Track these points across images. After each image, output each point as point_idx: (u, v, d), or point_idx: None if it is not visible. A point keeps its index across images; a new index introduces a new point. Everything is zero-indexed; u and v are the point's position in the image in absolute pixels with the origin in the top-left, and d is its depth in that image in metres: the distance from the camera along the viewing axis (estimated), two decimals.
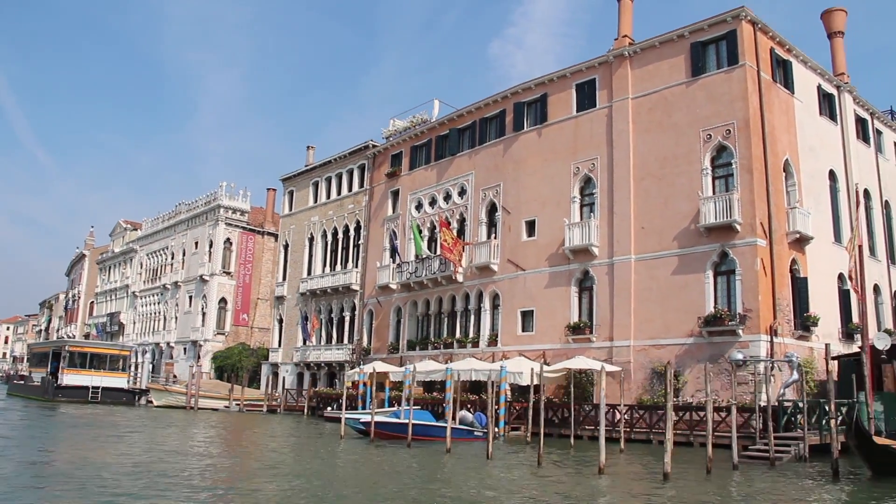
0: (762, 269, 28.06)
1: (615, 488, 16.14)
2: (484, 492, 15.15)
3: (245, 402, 45.81)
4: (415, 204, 43.07)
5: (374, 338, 44.38)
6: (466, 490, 15.19)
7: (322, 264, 50.16)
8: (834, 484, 17.03)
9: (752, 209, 28.38)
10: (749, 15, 30.21)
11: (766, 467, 20.18)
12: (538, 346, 34.17)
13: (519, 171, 37.05)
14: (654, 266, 30.80)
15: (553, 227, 34.62)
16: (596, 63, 34.65)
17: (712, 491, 15.92)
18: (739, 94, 29.53)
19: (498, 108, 38.88)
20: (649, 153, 31.88)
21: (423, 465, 19.87)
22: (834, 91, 35.71)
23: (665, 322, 29.98)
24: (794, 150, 31.52)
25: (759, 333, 27.49)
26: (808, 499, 15.33)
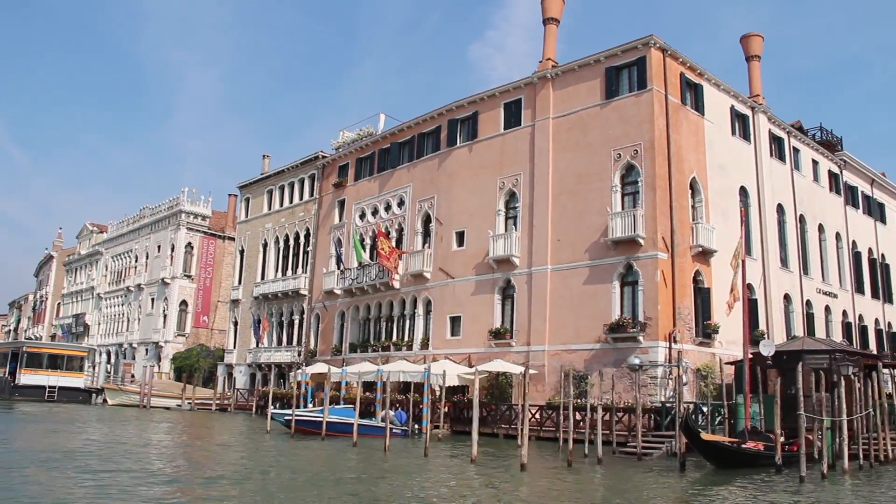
0: (662, 280, 30.19)
1: (474, 475, 18.12)
2: (358, 475, 17.13)
3: (196, 401, 47.59)
4: (359, 213, 45.05)
5: (321, 340, 46.30)
6: (339, 473, 17.18)
7: (275, 269, 52.04)
8: (679, 474, 19.10)
9: (654, 224, 30.52)
10: (658, 42, 32.39)
11: (632, 462, 22.26)
12: (465, 350, 36.20)
13: (451, 184, 39.11)
14: (567, 276, 32.91)
15: (480, 237, 36.67)
16: (522, 84, 36.74)
17: (558, 479, 17.97)
18: (647, 116, 31.68)
19: (435, 123, 40.93)
20: (566, 170, 34.00)
21: (327, 455, 21.89)
22: (748, 112, 37.96)
23: (576, 329, 32.08)
24: (702, 169, 33.70)
25: (658, 340, 29.61)
26: (638, 485, 17.39)
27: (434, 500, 14.17)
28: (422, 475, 18.24)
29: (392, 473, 18.37)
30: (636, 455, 22.93)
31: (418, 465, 20.20)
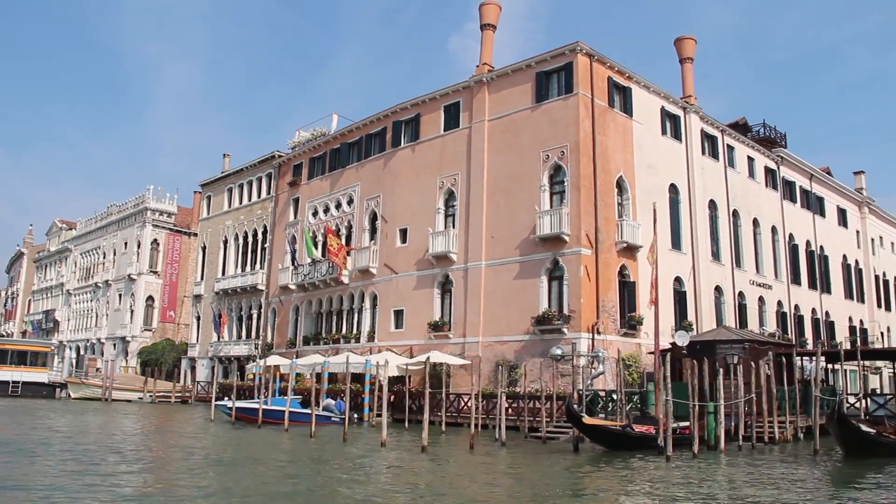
0: (586, 275, 31.92)
1: (381, 456, 19.74)
2: (273, 454, 18.75)
3: (157, 394, 49.10)
4: (312, 211, 46.59)
5: (277, 334, 47.88)
6: (257, 453, 18.80)
7: (234, 266, 53.52)
8: (572, 456, 20.81)
9: (578, 222, 32.24)
10: (585, 48, 34.05)
11: (537, 445, 23.97)
12: (407, 342, 37.86)
13: (395, 183, 40.69)
14: (500, 271, 34.60)
15: (421, 235, 38.28)
16: (461, 87, 38.33)
17: (448, 460, 19.62)
18: (573, 119, 33.36)
19: (381, 125, 42.47)
20: (500, 170, 35.65)
21: (251, 439, 23.52)
22: (680, 112, 39.70)
23: (508, 321, 33.78)
24: (629, 168, 35.42)
25: (581, 332, 31.37)
26: (521, 464, 19.08)
27: (310, 476, 15.77)
28: (334, 456, 19.87)
29: (301, 456, 20.00)
30: (542, 439, 24.59)
31: (334, 449, 21.82)
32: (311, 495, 13.47)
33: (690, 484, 15.41)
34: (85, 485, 13.63)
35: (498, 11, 39.24)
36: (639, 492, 14.53)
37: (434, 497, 13.68)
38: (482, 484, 15.44)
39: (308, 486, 14.66)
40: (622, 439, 21.58)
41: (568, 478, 16.75)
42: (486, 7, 38.85)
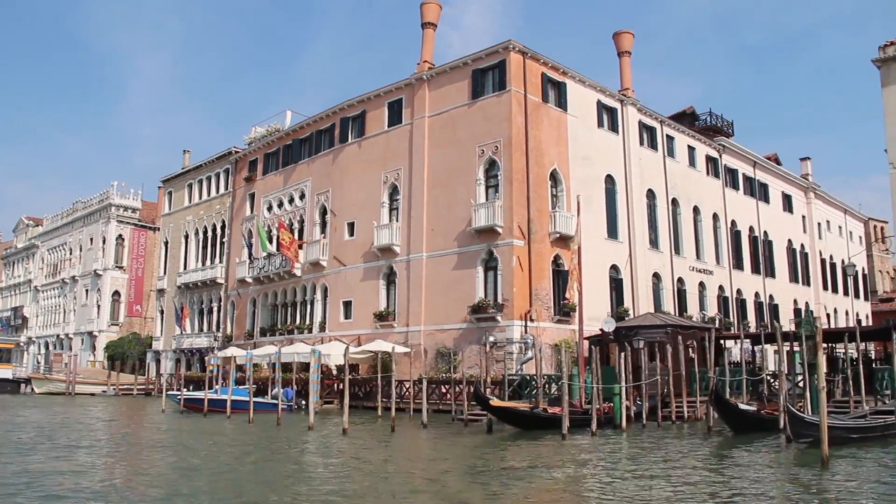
0: (518, 265, 33.38)
1: (301, 439, 21.12)
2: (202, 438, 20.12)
3: (120, 387, 50.30)
4: (267, 206, 47.83)
5: (236, 326, 49.16)
6: (183, 438, 20.16)
7: (195, 260, 54.67)
8: (485, 436, 22.29)
9: (511, 214, 33.67)
10: (518, 46, 35.40)
11: (458, 427, 25.43)
12: (355, 332, 39.24)
13: (343, 178, 41.98)
14: (440, 262, 36.02)
15: (367, 228, 39.62)
16: (403, 84, 39.61)
17: (363, 439, 21.05)
18: (506, 115, 34.74)
19: (330, 121, 43.71)
20: (439, 165, 37.02)
21: (192, 426, 24.86)
22: (617, 105, 41.13)
23: (447, 310, 35.23)
24: (564, 160, 36.84)
25: (514, 319, 32.85)
26: (435, 443, 20.54)
27: (233, 454, 17.14)
28: (258, 440, 21.25)
29: (225, 439, 21.39)
30: (464, 422, 26.07)
31: (264, 433, 23.21)
32: (198, 472, 14.78)
33: (553, 457, 16.90)
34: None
35: (438, 11, 40.54)
36: (503, 463, 15.98)
37: (311, 472, 15.08)
38: (381, 460, 16.85)
39: (207, 464, 16.00)
40: (532, 420, 23.04)
41: (456, 453, 18.21)
42: (427, 6, 40.12)
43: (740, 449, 18.17)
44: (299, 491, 12.50)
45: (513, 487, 12.68)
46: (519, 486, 12.88)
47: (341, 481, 13.71)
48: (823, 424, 14.04)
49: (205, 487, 12.84)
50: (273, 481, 13.37)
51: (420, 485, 13.19)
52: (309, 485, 13.34)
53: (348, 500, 11.59)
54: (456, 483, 13.31)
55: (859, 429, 18.22)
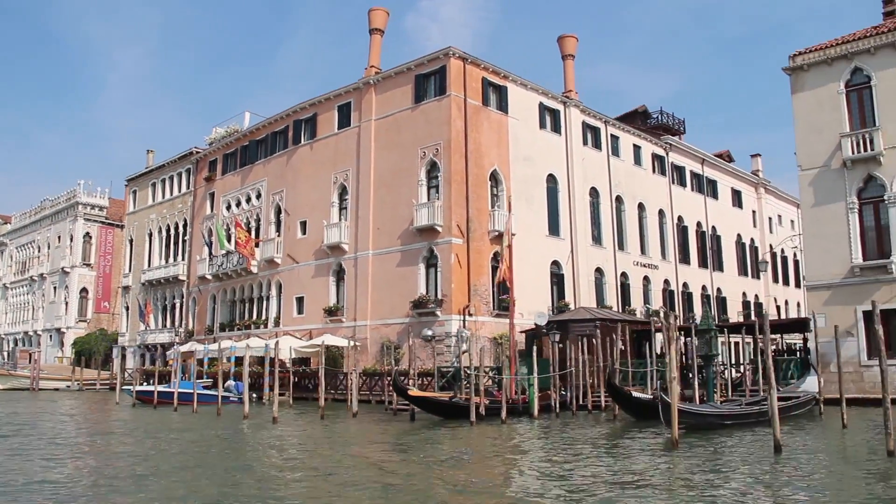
0: (456, 262, 34.99)
1: (231, 427, 22.60)
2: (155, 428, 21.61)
3: (84, 382, 51.63)
4: (226, 205, 49.22)
5: (197, 321, 50.57)
6: (114, 428, 21.65)
7: (159, 257, 55.99)
8: (408, 424, 23.86)
9: (450, 214, 35.26)
10: (458, 52, 36.93)
11: (389, 416, 27.00)
12: (307, 326, 40.77)
13: (297, 178, 43.45)
14: (385, 260, 37.59)
15: (318, 226, 41.12)
16: (351, 88, 41.08)
17: (292, 428, 22.61)
18: (445, 118, 36.28)
19: (284, 123, 45.13)
20: (385, 166, 38.55)
21: (136, 416, 26.36)
22: (560, 106, 42.74)
23: (391, 305, 36.82)
24: (504, 161, 38.41)
25: (452, 314, 34.47)
26: (355, 430, 22.09)
27: (159, 441, 18.66)
28: (189, 428, 22.74)
29: (156, 428, 22.90)
30: (393, 411, 27.66)
31: (200, 423, 24.71)
32: (106, 454, 16.29)
33: (463, 441, 18.57)
34: None
35: (385, 17, 42.00)
36: (401, 446, 17.60)
37: (221, 454, 16.63)
38: (293, 445, 18.42)
39: (132, 448, 17.51)
40: (451, 409, 24.64)
41: (367, 437, 19.84)
42: (374, 12, 41.57)
43: (620, 436, 19.80)
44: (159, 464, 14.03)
45: (366, 468, 14.26)
46: (377, 466, 14.48)
47: (198, 457, 15.26)
48: (674, 411, 15.71)
49: (89, 464, 14.35)
50: (151, 458, 14.91)
51: (279, 462, 14.75)
52: (170, 462, 14.87)
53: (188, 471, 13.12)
54: (313, 461, 14.90)
55: (732, 415, 19.91)
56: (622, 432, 20.46)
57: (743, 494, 10.95)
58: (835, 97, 29.53)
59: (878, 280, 27.75)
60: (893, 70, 28.42)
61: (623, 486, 11.52)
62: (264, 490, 11.49)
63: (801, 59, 30.39)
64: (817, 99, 29.91)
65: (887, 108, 28.30)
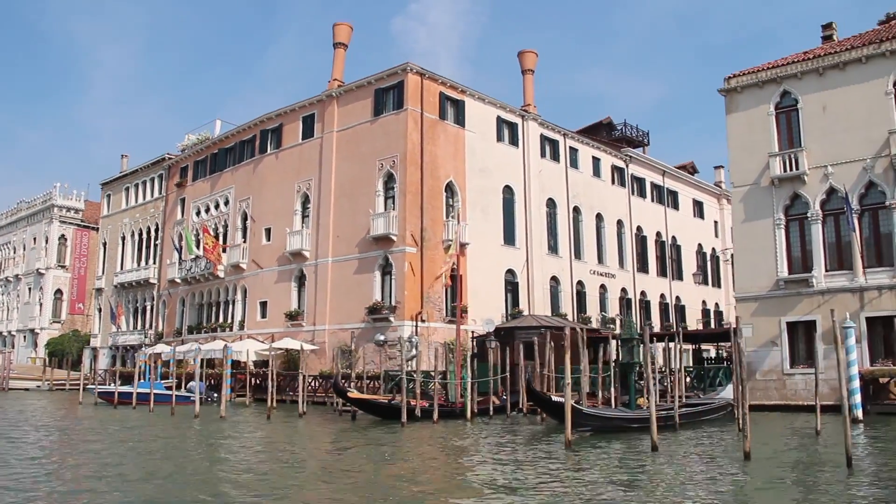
0: (410, 270, 36.41)
1: (181, 425, 23.94)
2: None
3: (54, 382, 52.75)
4: (195, 211, 50.50)
5: (166, 324, 51.81)
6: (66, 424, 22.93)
7: (131, 261, 57.19)
8: (350, 423, 25.26)
9: (405, 224, 36.68)
10: (415, 68, 38.39)
11: (335, 417, 28.38)
12: (270, 330, 42.10)
13: (262, 186, 44.80)
14: (343, 267, 38.98)
15: (282, 234, 42.48)
16: (315, 100, 42.48)
17: (236, 427, 23.96)
18: (402, 132, 37.73)
19: (251, 133, 46.49)
20: (345, 177, 39.95)
21: (99, 415, 27.64)
22: (518, 120, 44.24)
23: (348, 311, 38.20)
24: (460, 173, 39.88)
25: (405, 320, 35.88)
26: (293, 429, 23.48)
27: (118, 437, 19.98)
28: (142, 425, 24.07)
29: (108, 424, 24.23)
30: (338, 412, 29.06)
31: (153, 420, 26.04)
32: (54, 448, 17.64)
33: (388, 440, 20.00)
34: None
35: (349, 32, 43.45)
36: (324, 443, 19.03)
37: (155, 447, 17.99)
38: (226, 439, 19.81)
39: (59, 441, 18.86)
40: (389, 410, 26.05)
41: (296, 434, 21.24)
42: (339, 27, 43.03)
43: (532, 436, 21.25)
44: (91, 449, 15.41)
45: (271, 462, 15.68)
46: (283, 461, 15.89)
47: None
48: (567, 414, 17.18)
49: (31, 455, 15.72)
50: (85, 448, 16.28)
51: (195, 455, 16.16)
52: (85, 457, 16.26)
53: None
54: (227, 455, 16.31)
55: (638, 419, 21.37)
56: (545, 434, 21.86)
57: (593, 483, 12.40)
58: (765, 118, 31.11)
59: (800, 293, 29.32)
60: (817, 94, 30.03)
61: (487, 485, 12.95)
62: (151, 483, 12.85)
63: (734, 81, 31.99)
64: (749, 120, 31.50)
65: (812, 130, 29.92)
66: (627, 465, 14.74)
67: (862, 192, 28.86)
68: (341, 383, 27.23)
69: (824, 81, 30.06)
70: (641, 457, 15.76)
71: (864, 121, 28.88)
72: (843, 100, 29.50)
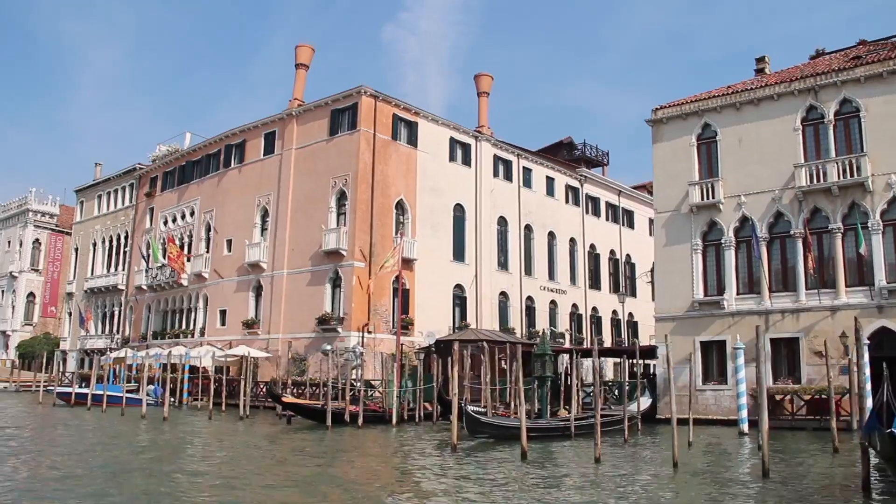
0: (358, 283, 38.38)
1: (126, 424, 25.77)
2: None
3: (21, 383, 54.44)
4: (163, 220, 52.38)
5: (133, 329, 53.58)
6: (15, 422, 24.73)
7: (101, 267, 58.97)
8: (284, 426, 27.18)
9: (354, 239, 38.68)
10: (369, 91, 40.46)
11: (276, 420, 30.26)
12: (228, 337, 43.98)
13: (226, 199, 46.73)
14: (297, 279, 40.93)
15: (242, 245, 44.39)
16: (277, 118, 44.50)
17: (178, 428, 25.84)
18: (354, 152, 39.76)
19: (217, 147, 48.47)
20: (301, 193, 41.94)
21: (48, 413, 29.46)
22: (471, 141, 46.34)
23: (301, 320, 40.13)
24: (411, 192, 41.91)
25: (352, 331, 37.85)
26: (228, 429, 25.38)
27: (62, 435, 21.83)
28: (85, 422, 25.91)
29: (54, 422, 26.09)
30: (279, 416, 30.97)
31: (102, 419, 27.89)
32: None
33: (307, 443, 21.95)
34: None
35: (311, 53, 45.51)
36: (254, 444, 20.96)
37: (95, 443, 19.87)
38: (167, 437, 21.71)
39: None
40: (321, 414, 27.95)
41: (227, 434, 23.18)
42: (301, 49, 45.09)
43: (440, 442, 23.22)
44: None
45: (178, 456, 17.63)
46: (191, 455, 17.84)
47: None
48: (454, 420, 19.19)
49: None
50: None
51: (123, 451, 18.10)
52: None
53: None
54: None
55: (535, 428, 23.31)
56: (439, 439, 23.79)
57: (439, 477, 14.42)
58: (687, 149, 33.28)
59: (712, 314, 31.45)
60: (734, 127, 32.23)
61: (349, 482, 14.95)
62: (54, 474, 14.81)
63: (661, 112, 34.19)
64: (673, 149, 33.67)
65: (728, 161, 32.10)
66: (486, 469, 16.71)
67: (771, 221, 30.99)
68: (276, 389, 29.12)
69: (741, 116, 32.25)
70: (505, 464, 17.66)
71: (774, 154, 31.04)
72: (757, 134, 31.69)
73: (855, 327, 20.96)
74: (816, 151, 30.65)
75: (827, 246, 29.88)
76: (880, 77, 29.51)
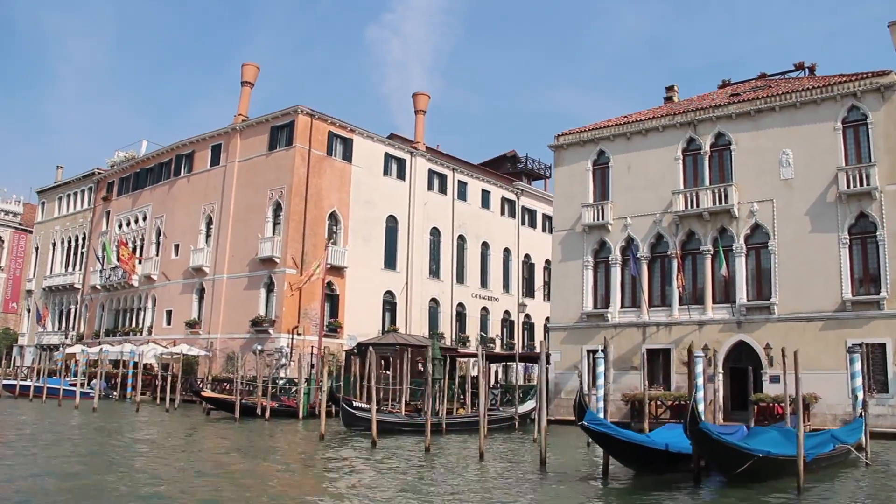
0: (288, 289, 41.50)
1: (61, 414, 28.82)
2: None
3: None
4: (118, 223, 55.34)
5: (87, 326, 56.47)
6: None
7: (60, 266, 61.79)
8: (203, 418, 30.33)
9: (287, 248, 41.85)
10: (306, 109, 43.66)
11: (200, 413, 33.41)
12: (173, 336, 46.98)
13: (175, 206, 49.78)
14: (236, 283, 44.08)
15: (188, 250, 47.43)
16: (223, 132, 47.58)
17: (102, 418, 28.92)
18: (290, 167, 42.94)
19: (169, 156, 51.51)
20: (242, 203, 45.07)
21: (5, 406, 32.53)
22: (406, 156, 49.60)
23: (237, 322, 43.26)
24: (344, 204, 45.10)
25: (282, 333, 41.03)
26: (153, 420, 28.48)
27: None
28: (18, 412, 28.91)
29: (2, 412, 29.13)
30: (205, 410, 34.10)
31: (37, 409, 30.91)
32: None
33: (224, 434, 25.16)
34: None
35: (256, 72, 48.62)
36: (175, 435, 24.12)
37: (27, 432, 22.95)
38: (92, 428, 24.81)
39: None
40: (245, 410, 31.13)
41: (142, 423, 26.35)
42: (246, 67, 48.20)
43: (315, 432, 26.47)
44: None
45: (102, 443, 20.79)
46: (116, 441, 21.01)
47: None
48: (322, 413, 22.45)
49: None
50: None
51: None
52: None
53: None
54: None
55: (410, 424, 26.53)
56: (338, 433, 27.07)
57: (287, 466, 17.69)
58: (584, 173, 36.69)
59: (598, 325, 34.85)
60: (624, 155, 35.67)
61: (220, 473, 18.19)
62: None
63: (562, 139, 37.61)
64: (572, 173, 37.08)
65: (618, 186, 35.54)
66: (332, 456, 19.99)
67: (653, 242, 34.46)
68: (195, 384, 32.26)
69: (630, 144, 35.71)
70: (358, 451, 20.93)
71: (657, 181, 34.50)
72: (644, 161, 35.15)
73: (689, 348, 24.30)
74: (694, 179, 34.12)
75: (700, 266, 33.32)
76: (748, 115, 33.03)
